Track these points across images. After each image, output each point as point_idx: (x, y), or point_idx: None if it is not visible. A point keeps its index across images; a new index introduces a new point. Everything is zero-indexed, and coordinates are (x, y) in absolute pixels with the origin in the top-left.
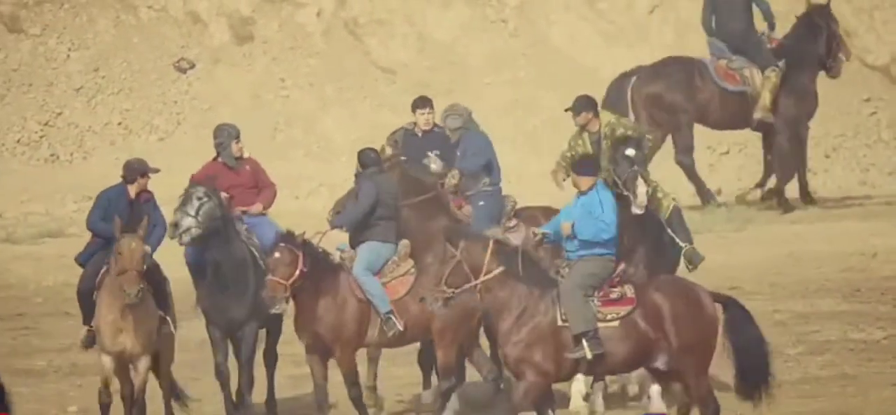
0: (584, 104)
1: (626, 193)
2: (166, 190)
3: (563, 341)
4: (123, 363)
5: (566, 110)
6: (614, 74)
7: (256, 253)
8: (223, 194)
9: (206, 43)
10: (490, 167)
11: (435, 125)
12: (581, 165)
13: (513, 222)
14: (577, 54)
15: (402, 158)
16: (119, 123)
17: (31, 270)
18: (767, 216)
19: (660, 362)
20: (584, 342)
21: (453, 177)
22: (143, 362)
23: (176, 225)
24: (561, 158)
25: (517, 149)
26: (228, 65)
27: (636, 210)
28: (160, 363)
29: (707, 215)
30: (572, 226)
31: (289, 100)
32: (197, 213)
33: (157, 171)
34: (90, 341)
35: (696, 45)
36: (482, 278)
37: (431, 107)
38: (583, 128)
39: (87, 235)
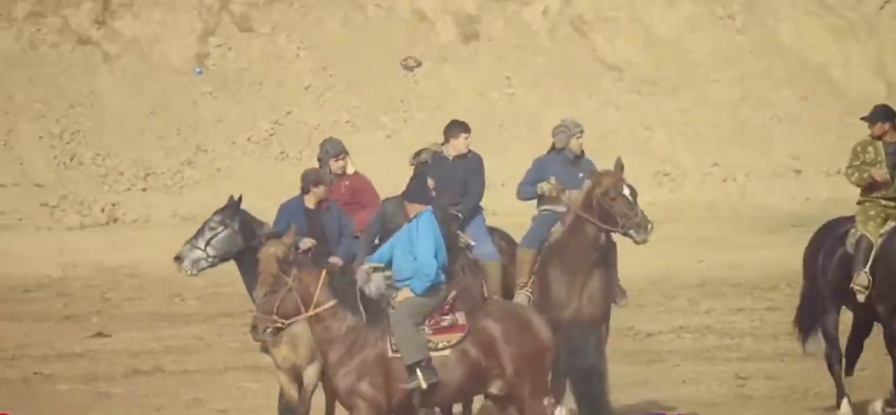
0: (881, 114)
1: None
2: (391, 188)
3: (394, 371)
4: (295, 376)
5: (862, 119)
6: (844, 71)
7: None
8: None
9: (433, 41)
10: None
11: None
12: (409, 192)
13: None
14: (806, 50)
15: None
16: (347, 121)
17: None
18: None
19: (494, 388)
20: (418, 372)
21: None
22: (312, 369)
23: (179, 258)
24: (849, 168)
25: (745, 146)
26: (454, 63)
27: None
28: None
29: None
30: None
31: (514, 98)
32: (207, 244)
33: (331, 181)
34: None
35: None
36: (312, 311)
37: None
38: (877, 138)
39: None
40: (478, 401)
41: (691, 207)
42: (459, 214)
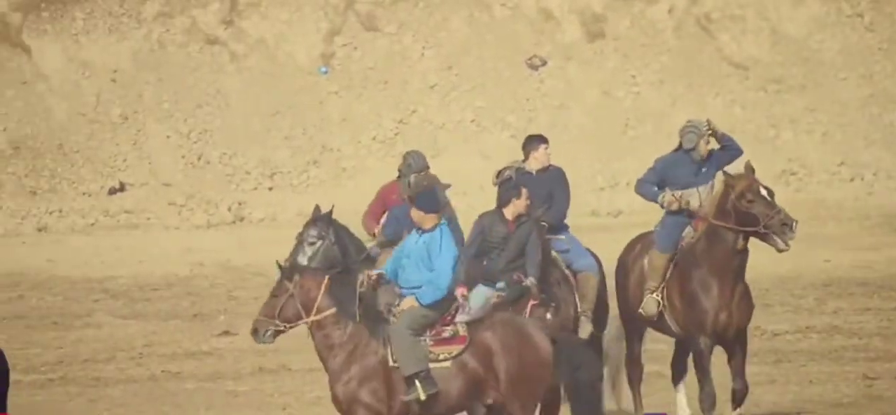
0: None
1: None
2: None
3: (395, 381)
4: None
5: None
6: None
7: None
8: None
9: (558, 40)
10: None
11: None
12: (422, 200)
13: None
14: None
15: None
16: (472, 121)
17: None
18: None
19: (491, 399)
20: (417, 383)
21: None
22: None
23: None
24: None
25: (873, 145)
26: (580, 62)
27: None
28: None
29: None
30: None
31: (639, 97)
32: (309, 260)
33: (448, 186)
34: None
35: None
36: (313, 316)
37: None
38: None
39: None
40: None
41: (818, 207)
42: (545, 223)
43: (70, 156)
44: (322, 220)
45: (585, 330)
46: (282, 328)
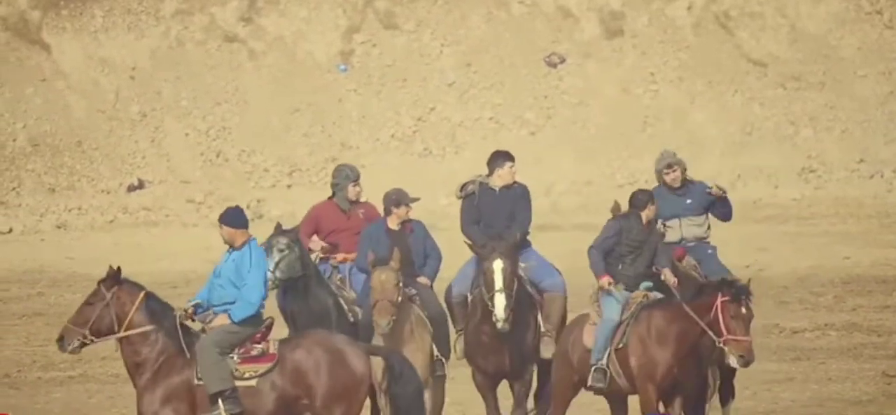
0: None
1: None
2: (533, 185)
3: (199, 400)
4: None
5: None
6: None
7: (345, 303)
8: (319, 243)
9: (577, 37)
10: None
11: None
12: (230, 217)
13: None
14: None
15: None
16: (490, 118)
17: None
18: None
19: None
20: (220, 402)
21: None
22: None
23: None
24: None
25: (892, 142)
26: (598, 59)
27: None
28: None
29: None
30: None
31: (658, 94)
32: (276, 266)
33: (416, 199)
34: None
35: None
36: (123, 332)
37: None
38: None
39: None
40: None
41: (837, 204)
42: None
43: (89, 153)
44: (292, 232)
45: (549, 350)
46: (89, 341)
